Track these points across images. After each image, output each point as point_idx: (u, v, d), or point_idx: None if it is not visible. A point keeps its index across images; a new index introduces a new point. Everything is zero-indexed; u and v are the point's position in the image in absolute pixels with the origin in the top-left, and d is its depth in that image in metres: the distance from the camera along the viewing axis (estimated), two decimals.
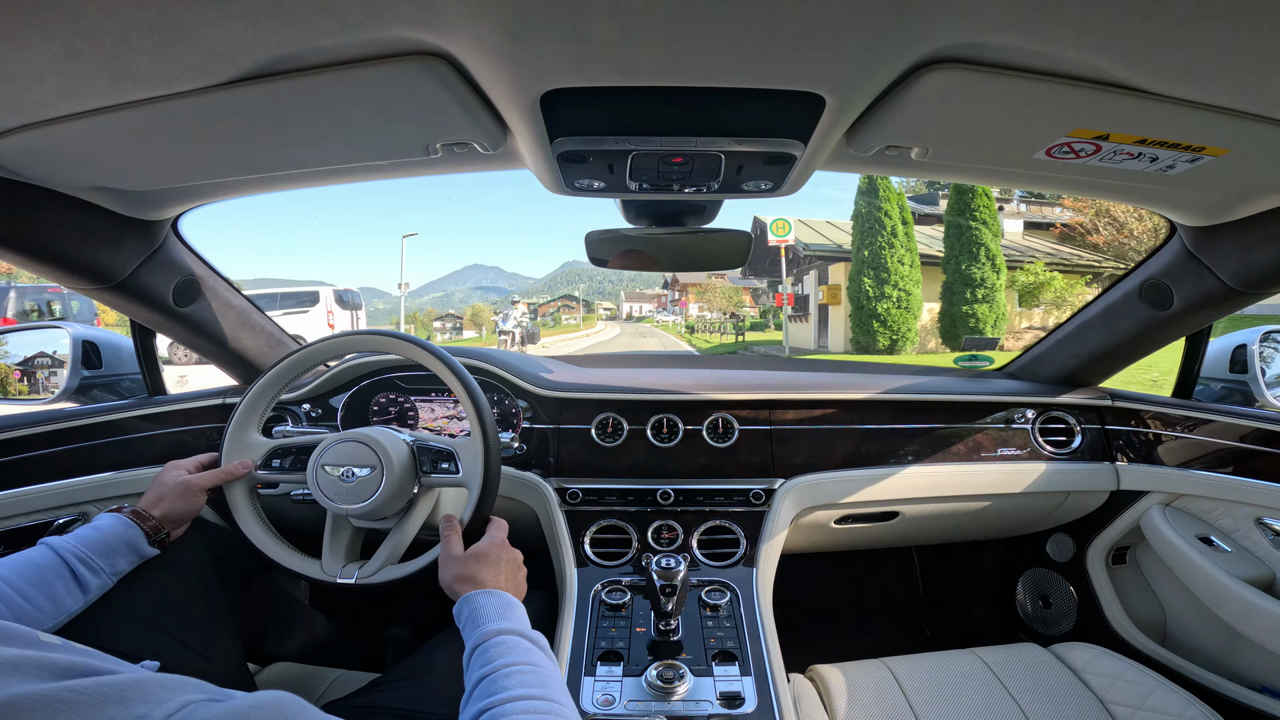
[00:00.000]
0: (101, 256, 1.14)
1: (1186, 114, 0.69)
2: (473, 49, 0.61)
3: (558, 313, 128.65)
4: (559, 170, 0.91)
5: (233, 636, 1.11)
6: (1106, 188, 1.02)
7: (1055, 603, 1.84)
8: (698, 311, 70.92)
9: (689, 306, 75.83)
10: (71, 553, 0.91)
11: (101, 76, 0.65)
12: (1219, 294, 1.23)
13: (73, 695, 0.40)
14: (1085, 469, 1.58)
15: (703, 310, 63.90)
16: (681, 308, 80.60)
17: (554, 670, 0.79)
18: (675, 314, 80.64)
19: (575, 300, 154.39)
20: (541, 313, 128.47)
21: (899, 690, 1.23)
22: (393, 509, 1.11)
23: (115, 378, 1.63)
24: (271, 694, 0.47)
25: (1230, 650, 1.42)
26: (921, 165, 0.92)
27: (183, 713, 0.42)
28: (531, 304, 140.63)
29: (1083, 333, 1.60)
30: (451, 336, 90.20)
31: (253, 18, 0.56)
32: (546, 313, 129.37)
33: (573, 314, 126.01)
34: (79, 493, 1.33)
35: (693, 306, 76.39)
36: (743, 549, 1.37)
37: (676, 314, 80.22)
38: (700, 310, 71.24)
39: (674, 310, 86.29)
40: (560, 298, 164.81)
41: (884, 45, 0.59)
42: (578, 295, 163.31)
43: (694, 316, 69.42)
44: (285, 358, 1.19)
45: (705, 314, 66.23)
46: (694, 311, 72.84)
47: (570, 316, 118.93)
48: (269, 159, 0.92)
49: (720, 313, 56.16)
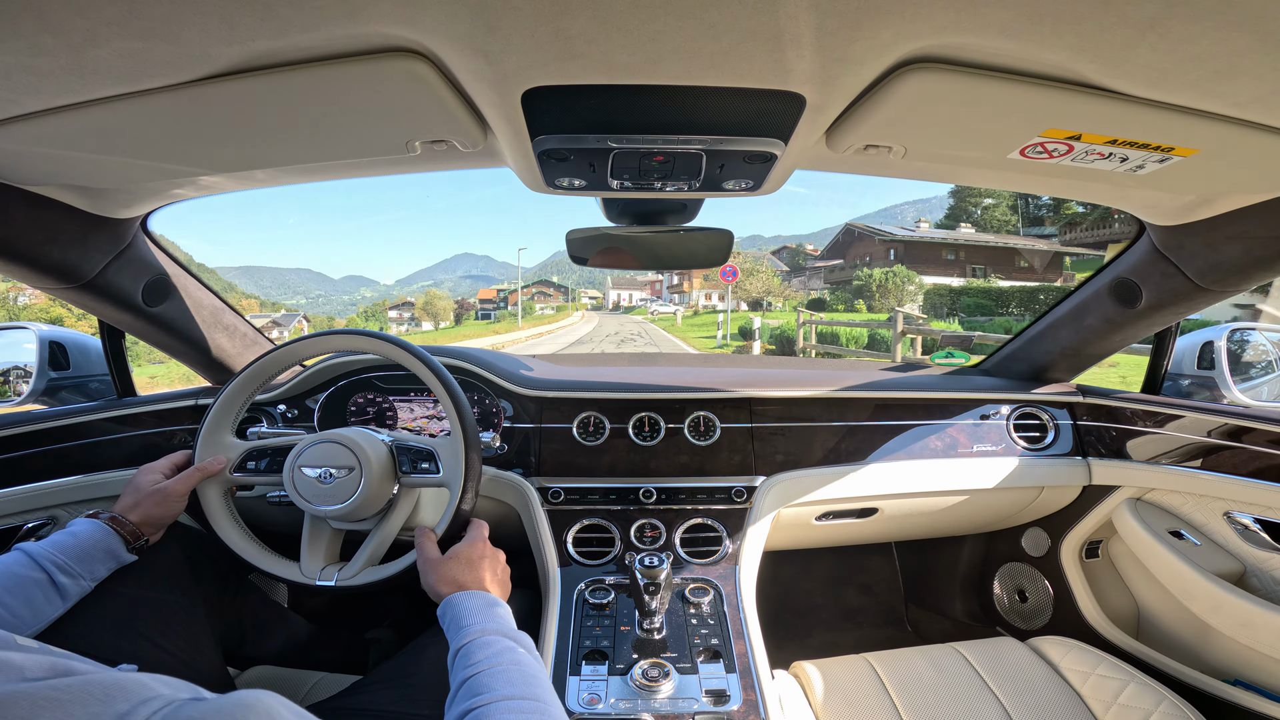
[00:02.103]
0: (68, 255, 1.12)
1: (1156, 115, 0.71)
2: (453, 46, 0.61)
3: (531, 301, 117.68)
4: (539, 168, 0.91)
5: (211, 640, 1.09)
6: (1078, 187, 1.03)
7: (1031, 597, 1.87)
8: (717, 301, 61.63)
9: (693, 294, 68.89)
10: (49, 559, 0.89)
11: (70, 73, 0.63)
12: (1186, 291, 1.25)
13: (55, 693, 0.39)
14: (1058, 464, 1.61)
15: (735, 295, 49.10)
16: (684, 295, 72.77)
17: (539, 669, 0.79)
18: (673, 302, 72.07)
19: (553, 287, 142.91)
20: (512, 301, 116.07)
21: (881, 685, 1.24)
22: (372, 510, 1.10)
23: (84, 379, 1.59)
24: (254, 692, 0.46)
25: (1202, 642, 1.46)
26: (900, 165, 0.93)
27: (165, 711, 0.41)
28: (501, 290, 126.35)
29: (1054, 329, 1.63)
30: (409, 328, 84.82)
31: (226, 14, 0.54)
32: (517, 301, 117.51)
33: (550, 302, 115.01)
34: (48, 496, 1.30)
35: (697, 293, 68.34)
36: (725, 546, 1.37)
37: (675, 303, 71.32)
38: (715, 299, 61.83)
39: (670, 299, 77.07)
40: (536, 284, 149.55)
41: (863, 45, 0.60)
42: (556, 280, 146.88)
43: (700, 306, 60.37)
44: (259, 358, 1.17)
45: (716, 303, 55.31)
46: (708, 301, 63.84)
47: (547, 305, 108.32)
48: (242, 157, 0.91)
49: (758, 303, 45.26)
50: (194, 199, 1.15)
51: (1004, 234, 55.46)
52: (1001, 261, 44.43)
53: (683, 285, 75.95)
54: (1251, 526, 1.34)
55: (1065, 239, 45.41)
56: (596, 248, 1.22)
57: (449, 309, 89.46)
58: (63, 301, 1.23)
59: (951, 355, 1.98)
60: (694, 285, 72.02)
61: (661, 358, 2.06)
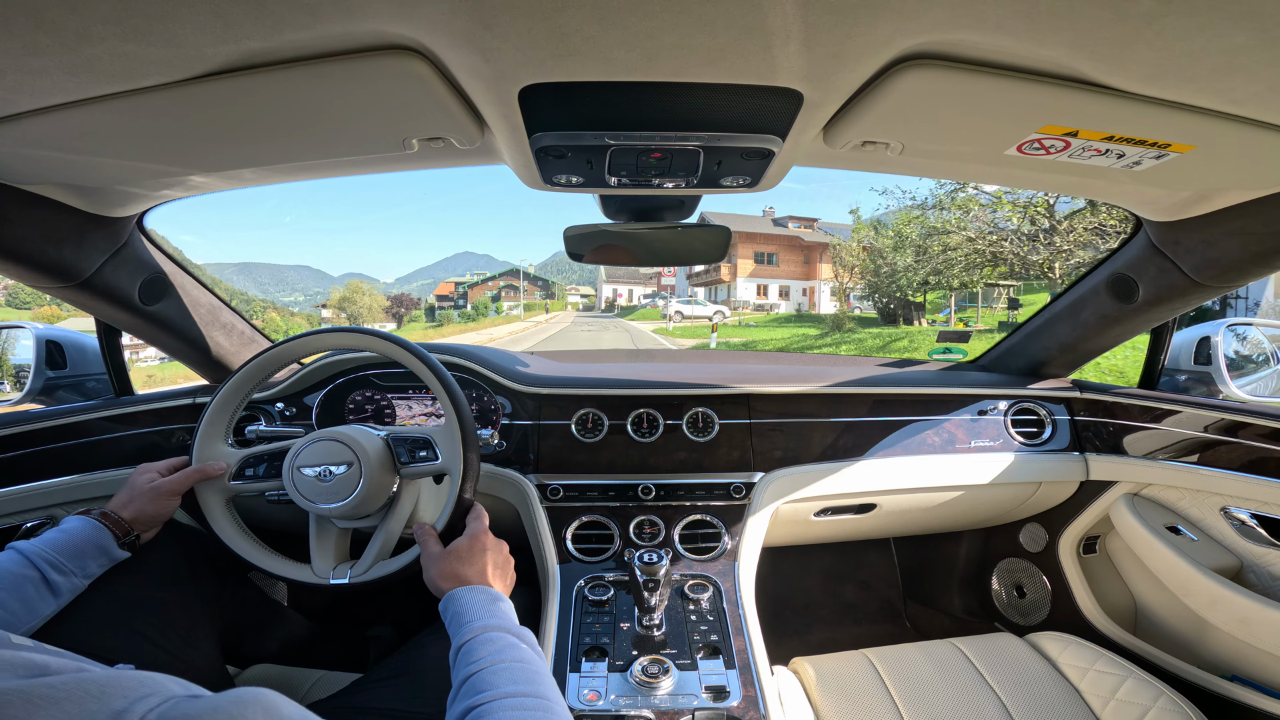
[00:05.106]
0: (64, 254, 1.11)
1: (1153, 112, 0.71)
2: (450, 44, 0.61)
3: (486, 299, 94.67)
4: (537, 166, 0.91)
5: (210, 638, 1.09)
6: (1074, 184, 1.04)
7: (1029, 592, 1.87)
8: (776, 298, 42.62)
9: (735, 285, 44.32)
10: (40, 556, 0.89)
11: (63, 72, 0.63)
12: (1183, 287, 1.26)
13: (51, 691, 0.39)
14: (1056, 459, 1.62)
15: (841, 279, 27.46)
16: (718, 288, 47.51)
17: (542, 666, 0.79)
18: (693, 299, 45.46)
19: (531, 281, 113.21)
20: (472, 297, 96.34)
21: (880, 681, 1.24)
22: (375, 505, 1.10)
23: (81, 378, 1.59)
24: (251, 689, 0.46)
25: (1199, 638, 1.46)
26: (897, 161, 0.93)
27: (161, 709, 0.41)
28: (460, 284, 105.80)
29: (1052, 325, 1.63)
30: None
31: (221, 12, 0.54)
32: (476, 298, 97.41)
33: (518, 299, 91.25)
34: (47, 495, 1.30)
35: (746, 283, 43.74)
36: (724, 542, 1.38)
37: (711, 301, 44.32)
38: (773, 294, 42.42)
39: (689, 295, 50.87)
40: (503, 274, 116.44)
41: (859, 42, 0.60)
42: (532, 272, 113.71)
43: (751, 305, 40.49)
44: (255, 357, 1.17)
45: (775, 300, 38.14)
46: (761, 298, 43.17)
47: (514, 302, 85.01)
48: (238, 155, 0.90)
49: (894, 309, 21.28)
50: (190, 197, 1.15)
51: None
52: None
53: (718, 270, 47.43)
54: (1248, 522, 1.34)
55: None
56: (594, 244, 1.22)
57: (377, 305, 71.48)
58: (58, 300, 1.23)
59: (949, 351, 1.98)
60: (738, 270, 45.21)
61: (659, 353, 2.06)
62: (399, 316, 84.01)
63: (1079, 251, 12.70)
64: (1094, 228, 12.42)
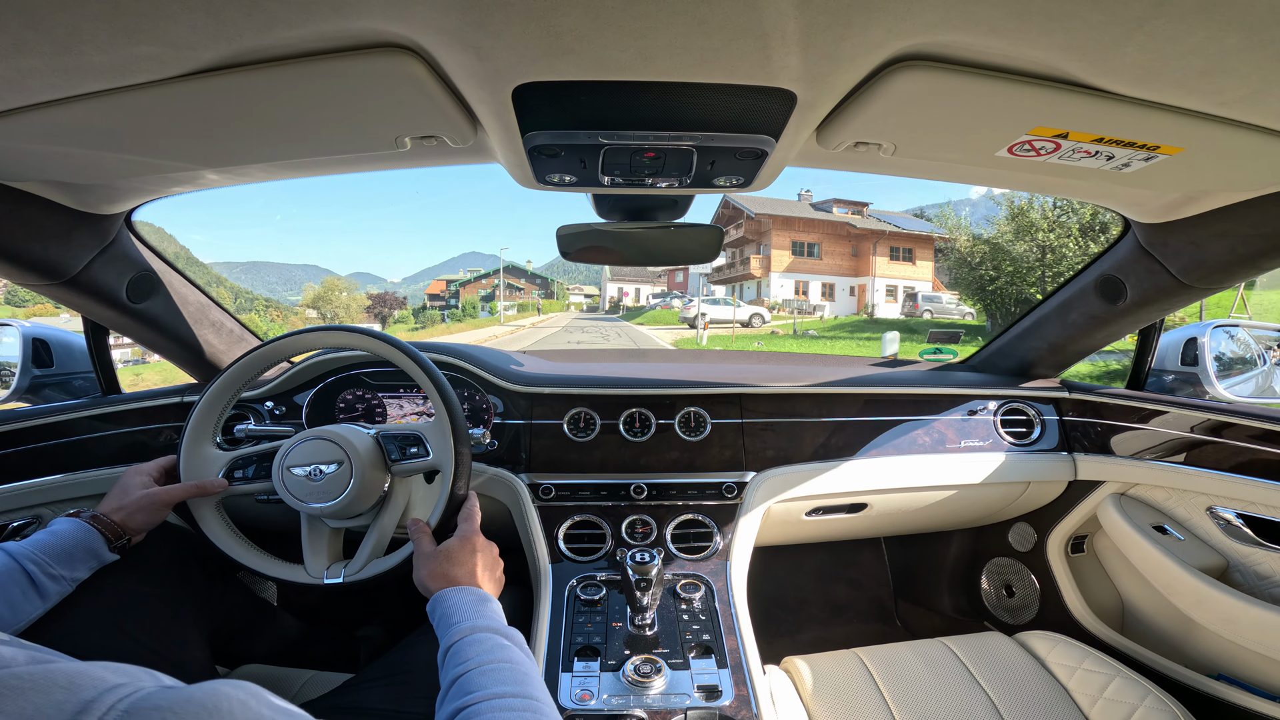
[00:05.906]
0: (51, 252, 1.10)
1: (1143, 114, 0.71)
2: (443, 42, 0.60)
3: (489, 297, 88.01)
4: (530, 164, 0.90)
5: (200, 638, 1.09)
6: (1064, 185, 1.04)
7: (1018, 591, 1.89)
8: (818, 297, 34.95)
9: (771, 279, 36.08)
10: (28, 559, 0.88)
11: (52, 69, 0.62)
12: (1170, 288, 1.27)
13: (17, 681, 0.38)
14: (1044, 459, 1.63)
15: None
16: (745, 285, 38.42)
17: (530, 666, 0.79)
18: (747, 301, 34.57)
19: (530, 279, 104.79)
20: (464, 296, 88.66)
21: (871, 680, 1.25)
22: (366, 504, 1.10)
23: (67, 376, 1.57)
24: (228, 681, 0.45)
25: (1186, 637, 1.47)
26: (890, 162, 0.93)
27: (132, 699, 0.40)
28: (451, 282, 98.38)
29: (1041, 326, 1.64)
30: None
31: (212, 9, 0.54)
32: (467, 297, 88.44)
33: (516, 298, 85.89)
34: (33, 495, 1.29)
35: (782, 279, 35.51)
36: (716, 542, 1.38)
37: (743, 300, 33.75)
38: (815, 293, 34.69)
39: (707, 293, 38.91)
40: (496, 271, 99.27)
41: (852, 43, 0.60)
42: (530, 270, 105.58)
43: (786, 304, 33.09)
44: (243, 356, 1.16)
45: (818, 302, 31.84)
46: (799, 295, 35.23)
47: (510, 301, 78.73)
48: (228, 152, 0.90)
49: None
50: (186, 194, 1.14)
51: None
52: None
53: (746, 264, 38.59)
54: (1234, 521, 1.35)
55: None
56: (585, 243, 1.22)
57: (356, 304, 64.11)
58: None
59: (940, 351, 1.99)
60: (771, 263, 36.58)
61: (652, 353, 2.06)
62: (383, 317, 75.53)
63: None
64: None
